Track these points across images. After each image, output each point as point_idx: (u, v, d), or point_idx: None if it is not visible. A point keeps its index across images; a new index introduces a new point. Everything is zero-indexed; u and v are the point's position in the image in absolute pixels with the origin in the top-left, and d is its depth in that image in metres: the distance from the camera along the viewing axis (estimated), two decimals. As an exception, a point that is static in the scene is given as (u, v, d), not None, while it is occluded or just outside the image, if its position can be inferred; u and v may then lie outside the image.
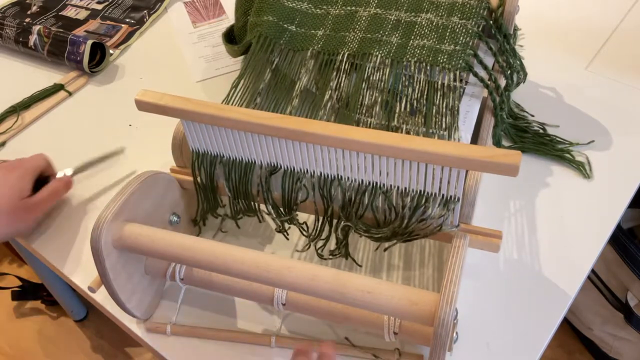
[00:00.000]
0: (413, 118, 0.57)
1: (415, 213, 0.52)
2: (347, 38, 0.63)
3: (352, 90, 0.59)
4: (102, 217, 0.52)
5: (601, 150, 0.74)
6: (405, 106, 0.57)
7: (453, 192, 0.51)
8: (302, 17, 0.66)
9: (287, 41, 0.64)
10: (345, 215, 0.55)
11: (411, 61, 0.59)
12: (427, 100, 0.57)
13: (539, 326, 0.58)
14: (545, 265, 0.63)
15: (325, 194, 0.55)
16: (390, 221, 0.54)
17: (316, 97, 0.60)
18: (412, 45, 0.61)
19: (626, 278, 1.08)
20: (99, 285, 0.56)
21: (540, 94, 0.82)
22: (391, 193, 0.53)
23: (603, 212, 0.68)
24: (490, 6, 0.63)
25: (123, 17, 1.02)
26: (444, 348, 0.46)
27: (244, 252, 0.51)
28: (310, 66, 0.62)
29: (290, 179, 0.56)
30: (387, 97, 0.58)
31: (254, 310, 0.62)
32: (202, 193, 0.60)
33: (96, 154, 0.76)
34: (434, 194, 0.52)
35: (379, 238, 0.56)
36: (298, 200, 0.57)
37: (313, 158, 0.54)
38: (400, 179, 0.52)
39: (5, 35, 0.94)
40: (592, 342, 1.24)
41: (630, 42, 0.90)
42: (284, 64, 0.63)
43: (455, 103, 0.57)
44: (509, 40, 0.64)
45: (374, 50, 0.61)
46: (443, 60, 0.59)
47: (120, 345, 1.36)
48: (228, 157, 0.58)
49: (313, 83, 0.61)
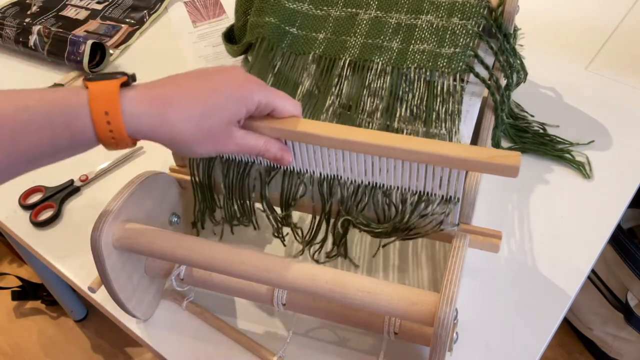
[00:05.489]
0: (414, 123, 0.57)
1: (416, 209, 0.52)
2: (348, 43, 0.63)
3: (354, 97, 0.59)
4: (102, 217, 0.52)
5: (601, 150, 0.74)
6: (406, 111, 0.58)
7: (453, 192, 0.51)
8: (303, 19, 0.66)
9: (288, 44, 0.64)
10: (345, 209, 0.55)
11: (411, 67, 0.60)
12: (426, 107, 0.58)
13: (539, 326, 0.58)
14: (545, 265, 0.63)
15: (325, 193, 0.55)
16: (390, 217, 0.54)
17: (318, 100, 0.60)
18: (412, 50, 0.61)
19: (626, 278, 1.08)
20: (99, 285, 0.56)
21: (540, 94, 0.82)
22: (391, 192, 0.53)
23: (603, 212, 0.68)
24: (490, 5, 0.63)
25: (123, 17, 1.02)
26: (444, 348, 0.46)
27: (243, 252, 0.51)
28: (312, 70, 0.62)
29: (289, 179, 0.56)
30: (388, 103, 0.58)
31: (254, 310, 0.62)
32: (200, 191, 0.60)
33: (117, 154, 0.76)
34: (434, 194, 0.52)
35: (379, 233, 0.55)
36: (297, 196, 0.56)
37: (313, 159, 0.54)
38: (401, 179, 0.52)
39: (5, 35, 0.94)
40: (592, 342, 1.24)
41: (630, 42, 0.90)
42: (286, 67, 0.63)
43: (455, 108, 0.57)
44: (509, 39, 0.64)
45: (375, 57, 0.61)
46: (442, 65, 0.59)
47: (120, 345, 1.36)
48: (227, 156, 0.58)
49: (315, 87, 0.61)
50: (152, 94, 0.45)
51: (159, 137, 0.45)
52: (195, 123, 0.45)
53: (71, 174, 0.76)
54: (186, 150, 0.47)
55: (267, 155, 0.51)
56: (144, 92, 0.45)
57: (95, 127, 0.42)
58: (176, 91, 0.46)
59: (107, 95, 0.42)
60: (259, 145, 0.50)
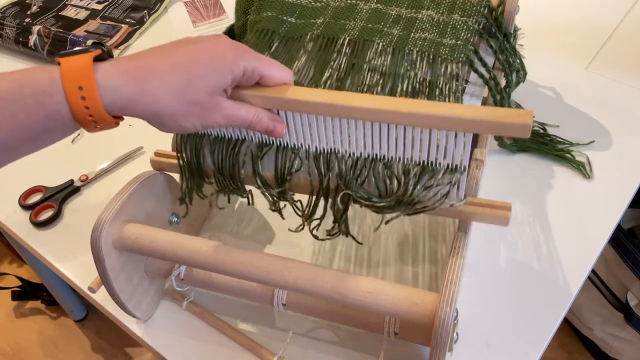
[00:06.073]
0: (416, 98, 0.55)
1: (420, 180, 0.50)
2: (348, 25, 0.62)
3: (353, 71, 0.58)
4: (102, 217, 0.52)
5: (601, 150, 0.74)
6: (407, 87, 0.56)
7: (459, 161, 0.48)
8: (302, 10, 0.65)
9: (286, 31, 0.63)
10: (344, 183, 0.52)
11: (413, 50, 0.59)
12: (429, 83, 0.56)
13: (539, 326, 0.58)
14: (545, 265, 0.63)
15: (323, 167, 0.52)
16: (392, 191, 0.51)
17: (315, 74, 0.58)
18: (413, 37, 0.60)
19: (626, 278, 1.08)
20: (99, 285, 0.56)
21: (540, 94, 0.82)
22: (392, 164, 0.50)
23: (603, 212, 0.68)
24: (490, 5, 0.63)
25: (123, 17, 1.02)
26: (444, 348, 0.46)
27: (243, 252, 0.51)
28: (309, 48, 0.60)
29: (283, 154, 0.53)
30: (389, 78, 0.56)
31: (254, 310, 0.62)
32: (187, 170, 0.57)
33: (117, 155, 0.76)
34: (438, 164, 0.49)
35: (381, 207, 0.52)
36: (293, 170, 0.53)
37: (308, 130, 0.50)
38: (403, 149, 0.49)
39: (5, 35, 0.94)
40: (592, 342, 1.24)
41: (630, 42, 0.90)
42: (283, 48, 0.62)
43: (459, 88, 0.55)
44: (509, 39, 0.64)
45: (376, 38, 0.60)
46: (445, 52, 0.58)
47: (120, 345, 1.36)
48: (217, 132, 0.54)
49: (312, 62, 0.59)
50: (130, 66, 0.42)
51: (140, 111, 0.42)
52: (178, 93, 0.42)
53: (71, 174, 0.76)
54: (170, 124, 0.44)
55: (259, 127, 0.48)
56: (120, 64, 0.42)
57: (69, 104, 0.40)
58: (156, 61, 0.43)
59: (80, 70, 0.40)
60: (249, 116, 0.47)
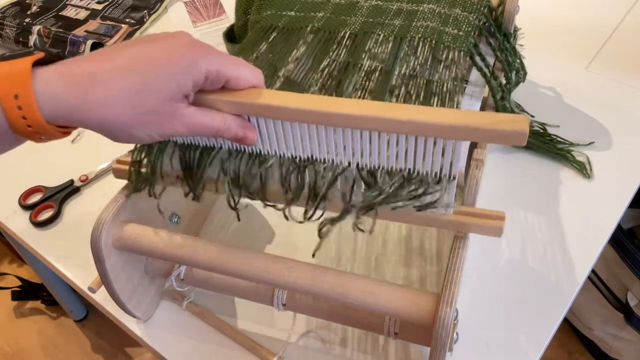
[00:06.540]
0: (415, 80, 0.53)
1: (403, 188, 0.45)
2: (349, 21, 0.62)
3: (353, 58, 0.56)
4: (102, 217, 0.52)
5: (601, 150, 0.74)
6: (406, 70, 0.54)
7: (448, 169, 0.44)
8: (302, 5, 0.65)
9: (285, 22, 0.63)
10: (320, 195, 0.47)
11: (415, 37, 0.58)
12: (430, 66, 0.54)
13: (539, 326, 0.58)
14: (545, 265, 0.63)
15: (298, 178, 0.47)
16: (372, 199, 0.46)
17: (314, 61, 0.57)
18: (415, 25, 0.59)
19: (626, 278, 1.08)
20: (99, 285, 0.56)
21: (540, 94, 0.82)
22: (374, 172, 0.46)
23: (603, 212, 0.68)
24: (490, 5, 0.63)
25: (123, 17, 1.02)
26: (444, 348, 0.46)
27: (244, 252, 0.51)
28: (309, 40, 0.60)
29: (252, 163, 0.49)
30: (389, 63, 0.55)
31: (254, 310, 0.62)
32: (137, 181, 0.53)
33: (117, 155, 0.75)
34: (425, 172, 0.45)
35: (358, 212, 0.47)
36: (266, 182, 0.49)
37: (283, 138, 0.46)
38: (386, 158, 0.45)
39: (5, 35, 0.94)
40: (592, 342, 1.24)
41: (630, 42, 0.90)
42: (281, 37, 0.61)
43: (459, 74, 0.54)
44: (509, 39, 0.64)
45: (377, 29, 0.60)
46: (448, 40, 0.58)
47: (120, 345, 1.36)
48: (183, 140, 0.50)
49: (311, 54, 0.58)
50: (73, 72, 0.37)
51: (85, 123, 0.38)
52: (128, 101, 0.38)
53: (71, 174, 0.76)
54: (122, 135, 0.40)
55: (227, 135, 0.44)
56: (63, 70, 0.37)
57: (5, 114, 0.36)
58: (102, 65, 0.38)
59: (16, 76, 0.36)
60: (214, 123, 0.42)
